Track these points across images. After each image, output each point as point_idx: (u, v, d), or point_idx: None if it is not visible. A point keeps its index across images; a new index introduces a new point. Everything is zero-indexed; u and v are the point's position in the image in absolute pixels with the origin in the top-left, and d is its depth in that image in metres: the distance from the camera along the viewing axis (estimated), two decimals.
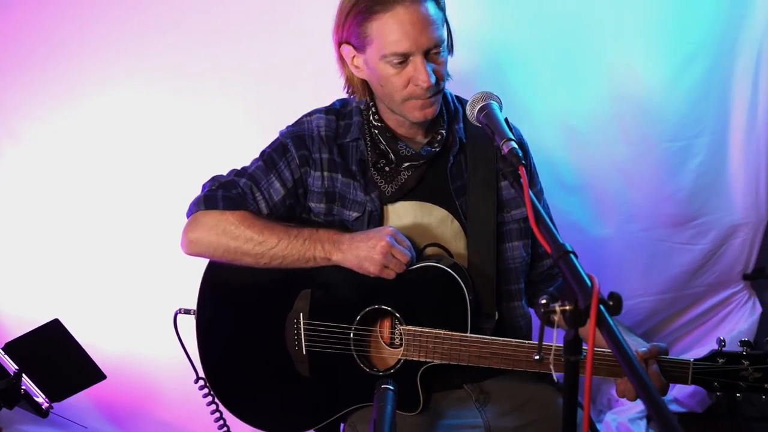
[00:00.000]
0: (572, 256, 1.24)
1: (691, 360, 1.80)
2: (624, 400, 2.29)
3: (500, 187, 2.02)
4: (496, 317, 2.01)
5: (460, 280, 1.90)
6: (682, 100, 2.85)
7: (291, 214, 2.07)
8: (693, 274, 3.11)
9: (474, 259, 2.00)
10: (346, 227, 2.01)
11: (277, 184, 2.02)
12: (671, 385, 1.83)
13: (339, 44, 1.93)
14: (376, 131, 2.00)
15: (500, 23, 2.75)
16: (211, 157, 2.73)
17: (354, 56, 1.92)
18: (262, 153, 2.08)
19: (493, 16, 2.73)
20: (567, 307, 1.18)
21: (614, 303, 1.14)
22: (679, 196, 2.97)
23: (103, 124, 2.74)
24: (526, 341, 1.86)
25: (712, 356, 1.79)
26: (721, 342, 1.79)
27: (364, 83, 1.97)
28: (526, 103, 2.85)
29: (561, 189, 2.96)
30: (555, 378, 1.36)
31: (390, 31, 1.79)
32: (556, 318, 1.21)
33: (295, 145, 2.02)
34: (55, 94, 2.69)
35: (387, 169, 2.01)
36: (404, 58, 1.82)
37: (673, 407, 3.15)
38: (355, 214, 2.00)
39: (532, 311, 2.13)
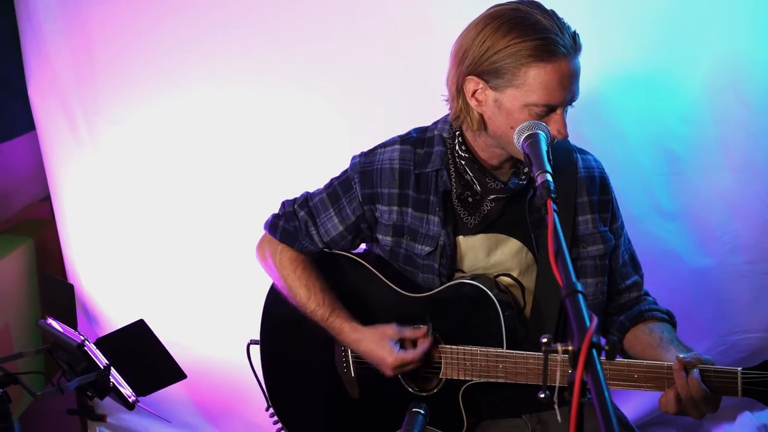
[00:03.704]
0: (580, 296, 1.20)
1: (739, 369, 1.67)
2: None
3: (577, 222, 1.97)
4: None
5: (492, 295, 1.88)
6: None
7: (356, 242, 2.13)
8: None
9: (541, 291, 1.96)
10: (414, 261, 2.02)
11: (336, 220, 2.06)
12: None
13: (465, 75, 1.81)
14: (463, 162, 1.93)
15: (597, 42, 2.67)
16: (299, 160, 2.76)
17: (479, 90, 1.80)
18: (331, 182, 2.10)
19: (590, 37, 2.67)
20: (569, 348, 1.16)
21: (610, 348, 1.11)
22: None
23: (186, 125, 2.79)
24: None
25: (764, 364, 1.66)
26: None
27: (481, 117, 1.85)
28: (622, 126, 2.75)
29: (658, 215, 2.83)
30: None
31: (549, 81, 1.71)
32: (558, 358, 1.19)
33: (360, 182, 2.02)
34: (138, 93, 2.75)
35: (470, 200, 1.97)
36: (551, 110, 1.76)
37: None
38: (427, 249, 1.98)
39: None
